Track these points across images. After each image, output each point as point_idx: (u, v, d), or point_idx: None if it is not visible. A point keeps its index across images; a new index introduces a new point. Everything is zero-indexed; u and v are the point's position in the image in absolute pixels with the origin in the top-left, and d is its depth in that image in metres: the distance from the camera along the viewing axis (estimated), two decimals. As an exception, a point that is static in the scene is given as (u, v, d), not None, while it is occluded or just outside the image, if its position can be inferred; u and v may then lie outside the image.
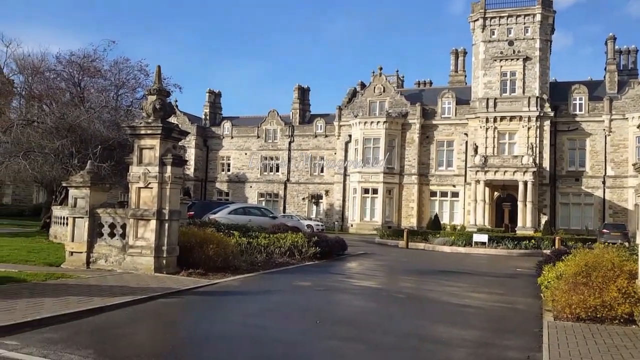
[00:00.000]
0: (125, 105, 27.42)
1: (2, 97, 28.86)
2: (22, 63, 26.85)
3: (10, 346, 6.13)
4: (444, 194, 45.56)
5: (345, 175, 47.97)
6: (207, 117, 57.73)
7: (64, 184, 16.38)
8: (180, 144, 16.15)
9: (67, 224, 14.90)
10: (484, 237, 27.37)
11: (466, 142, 43.97)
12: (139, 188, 12.88)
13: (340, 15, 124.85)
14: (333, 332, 7.97)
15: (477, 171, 40.33)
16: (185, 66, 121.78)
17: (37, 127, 23.72)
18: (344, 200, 48.07)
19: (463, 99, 45.21)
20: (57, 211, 19.77)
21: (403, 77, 53.34)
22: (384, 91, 48.06)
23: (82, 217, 13.26)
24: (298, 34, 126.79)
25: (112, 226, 13.24)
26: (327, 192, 50.39)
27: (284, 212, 48.29)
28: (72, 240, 13.38)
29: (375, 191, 45.39)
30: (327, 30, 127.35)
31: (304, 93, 55.66)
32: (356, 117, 46.89)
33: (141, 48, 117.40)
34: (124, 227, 13.06)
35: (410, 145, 46.15)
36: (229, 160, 55.17)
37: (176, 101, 51.44)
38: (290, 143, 52.59)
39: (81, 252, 13.18)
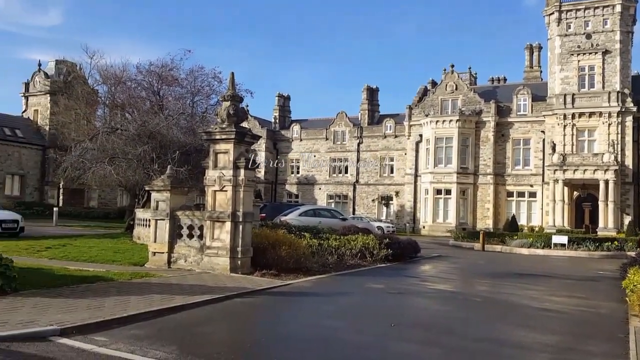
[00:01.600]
0: (200, 112, 28.41)
1: (88, 107, 30.77)
2: (105, 74, 28.47)
3: (99, 342, 6.50)
4: (520, 194, 43.90)
5: (416, 175, 47.28)
6: (277, 121, 58.83)
7: (146, 188, 17.23)
8: (251, 147, 16.56)
9: (149, 225, 15.65)
10: (563, 239, 26.30)
11: (543, 140, 42.19)
12: (215, 191, 13.31)
13: (410, 14, 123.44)
14: (408, 335, 7.86)
15: (555, 170, 38.53)
16: (254, 71, 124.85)
17: (120, 135, 25.09)
18: (415, 202, 47.39)
19: (539, 96, 43.42)
20: (140, 214, 20.78)
21: (476, 74, 51.90)
22: (456, 89, 46.99)
23: (163, 219, 13.88)
24: (366, 35, 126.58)
25: (191, 228, 13.76)
26: (397, 193, 49.88)
27: (353, 213, 48.28)
28: (155, 241, 14.03)
29: (448, 192, 44.44)
30: (396, 29, 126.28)
31: (372, 93, 55.45)
32: (427, 116, 46.12)
33: (213, 55, 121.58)
34: (201, 228, 13.54)
35: (484, 144, 44.84)
36: (298, 162, 55.91)
37: (247, 106, 52.63)
38: (359, 144, 52.54)
39: (163, 253, 13.80)
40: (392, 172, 51.09)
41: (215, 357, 6.15)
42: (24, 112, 48.30)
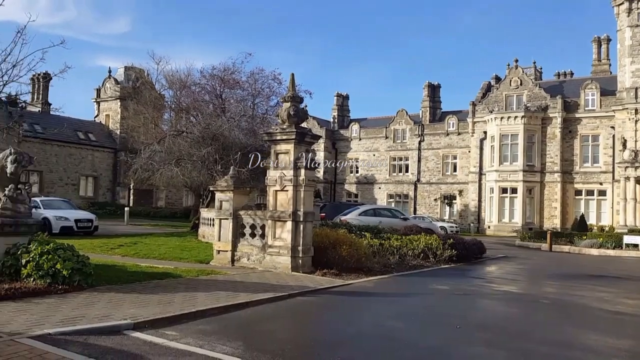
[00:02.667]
0: (260, 113, 28.94)
1: (156, 111, 32.05)
2: (171, 79, 29.54)
3: (170, 336, 6.76)
4: (589, 193, 41.97)
5: (480, 174, 46.11)
6: (335, 120, 58.99)
7: (210, 188, 17.76)
8: (311, 147, 16.71)
9: (213, 225, 16.13)
10: (636, 239, 25.13)
11: (613, 136, 40.14)
12: (276, 191, 13.52)
13: (470, 11, 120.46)
14: (474, 337, 7.69)
15: (627, 167, 36.44)
16: (313, 72, 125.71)
17: (186, 137, 25.99)
18: (479, 201, 46.22)
19: (608, 90, 41.30)
20: (204, 213, 21.43)
21: (541, 68, 50.00)
22: (520, 84, 45.46)
23: (227, 219, 14.26)
24: (426, 31, 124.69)
25: (253, 227, 14.06)
26: (460, 192, 48.84)
27: (415, 213, 47.65)
28: (219, 240, 14.44)
29: (514, 190, 43.09)
30: (458, 24, 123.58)
31: (434, 90, 54.54)
32: (491, 112, 44.89)
33: (272, 57, 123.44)
34: (263, 227, 13.80)
35: (551, 141, 43.15)
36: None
37: (306, 106, 53.10)
38: (420, 142, 51.82)
39: (227, 251, 14.18)
40: (455, 170, 50.07)
41: (280, 354, 6.25)
42: (96, 116, 50.90)
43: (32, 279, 8.94)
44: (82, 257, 9.61)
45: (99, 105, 50.81)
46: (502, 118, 43.81)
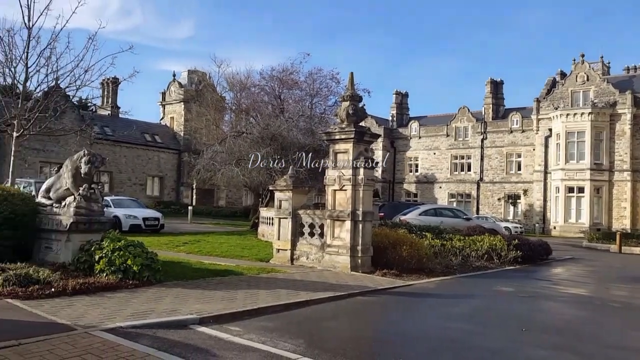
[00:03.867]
0: (318, 113, 29.12)
1: (217, 113, 32.94)
2: (231, 81, 30.27)
3: (234, 332, 6.92)
4: (663, 192, 39.52)
5: (545, 172, 44.42)
6: (394, 119, 58.40)
7: (269, 188, 18.03)
8: (370, 146, 16.63)
9: (272, 224, 16.37)
10: None
11: (689, 132, 37.57)
12: (334, 190, 13.55)
13: (534, 6, 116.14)
14: (541, 340, 7.42)
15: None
16: (370, 70, 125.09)
17: (245, 138, 26.54)
18: (544, 201, 44.52)
19: (683, 83, 38.72)
20: (264, 212, 21.77)
21: (609, 63, 47.60)
22: (587, 80, 43.42)
23: (286, 218, 14.44)
24: (487, 27, 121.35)
25: (312, 226, 14.15)
26: (525, 191, 47.20)
27: (477, 213, 46.47)
28: (278, 239, 14.65)
29: (581, 190, 41.23)
30: (520, 19, 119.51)
31: (496, 87, 52.98)
32: (557, 109, 43.14)
33: (330, 57, 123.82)
34: (321, 227, 13.87)
35: (620, 138, 41.01)
36: (416, 160, 55.01)
37: (364, 105, 53.00)
38: (482, 140, 50.47)
39: (286, 250, 14.36)
40: (519, 169, 48.45)
41: (341, 352, 6.26)
42: (161, 119, 52.82)
43: (104, 274, 9.39)
44: (151, 254, 10.01)
45: (164, 108, 52.69)
46: (567, 115, 42.02)
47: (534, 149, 46.33)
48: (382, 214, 25.34)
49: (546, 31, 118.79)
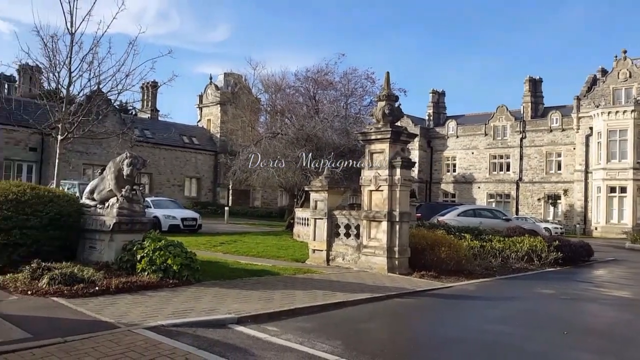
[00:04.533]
0: (353, 113, 29.06)
1: (253, 114, 33.22)
2: (266, 82, 30.49)
3: (272, 332, 6.97)
4: None
5: (586, 172, 43.18)
6: (431, 118, 57.75)
7: (305, 188, 18.09)
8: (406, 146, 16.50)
9: (308, 224, 16.42)
10: None
11: None
12: (370, 191, 13.49)
13: (573, 1, 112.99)
14: (583, 343, 7.23)
15: None
16: (406, 69, 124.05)
17: (281, 139, 26.70)
18: (585, 201, 43.28)
19: None
20: (299, 213, 21.87)
21: (653, 58, 45.81)
22: (629, 76, 42.01)
23: (322, 219, 14.47)
24: (525, 23, 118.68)
25: (347, 227, 14.13)
26: (565, 191, 45.96)
27: (517, 213, 45.49)
28: (314, 239, 14.69)
29: (623, 189, 39.89)
30: (558, 15, 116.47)
31: (535, 85, 51.75)
32: (597, 107, 41.86)
33: (365, 56, 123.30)
34: (357, 227, 13.83)
35: (665, 136, 39.43)
36: (454, 160, 54.23)
37: (400, 105, 52.61)
38: (521, 139, 49.38)
39: (322, 250, 14.38)
40: (559, 168, 47.21)
41: (379, 354, 6.23)
42: (198, 121, 53.72)
43: (145, 273, 9.60)
44: (190, 254, 10.19)
45: (201, 111, 53.56)
46: (609, 113, 40.71)
47: (574, 148, 45.10)
48: (420, 214, 25.10)
49: (586, 27, 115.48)
